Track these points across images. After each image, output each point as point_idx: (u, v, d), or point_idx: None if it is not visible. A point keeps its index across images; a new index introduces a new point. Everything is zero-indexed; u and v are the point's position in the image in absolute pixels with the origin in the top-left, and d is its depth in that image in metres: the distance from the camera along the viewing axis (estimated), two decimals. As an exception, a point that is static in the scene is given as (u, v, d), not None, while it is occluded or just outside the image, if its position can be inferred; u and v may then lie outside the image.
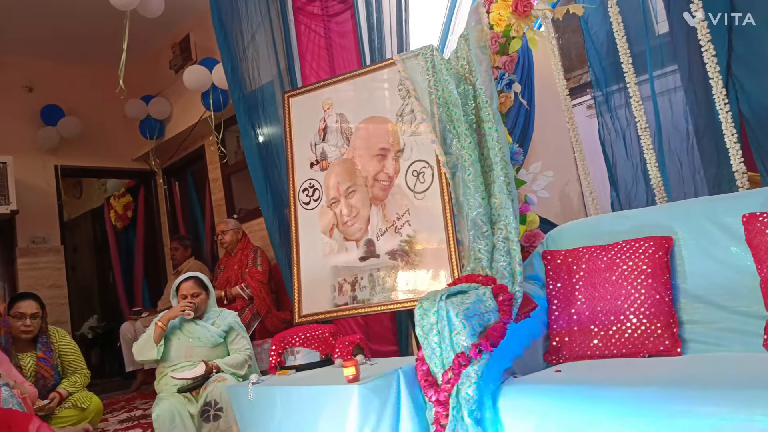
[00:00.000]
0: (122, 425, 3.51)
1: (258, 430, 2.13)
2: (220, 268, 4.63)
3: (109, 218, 6.64)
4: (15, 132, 5.49)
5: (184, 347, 3.36)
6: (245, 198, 5.40)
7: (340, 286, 2.67)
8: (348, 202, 2.74)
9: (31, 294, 3.47)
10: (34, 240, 5.59)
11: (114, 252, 6.59)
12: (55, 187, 5.75)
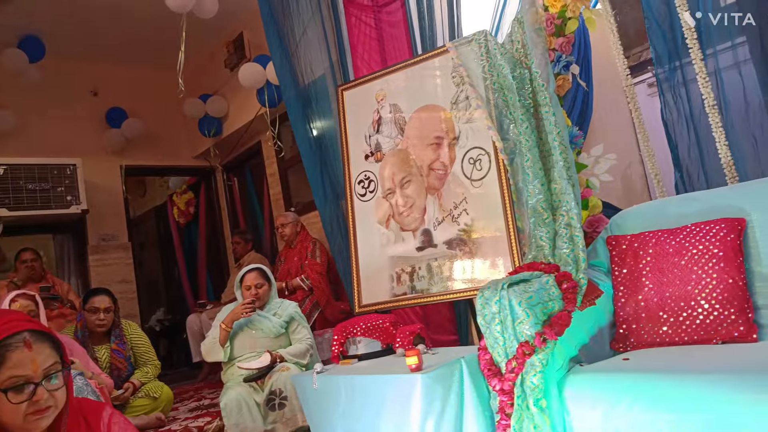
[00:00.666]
0: (192, 414, 3.64)
1: (323, 418, 2.17)
2: (281, 260, 4.73)
3: (172, 215, 6.87)
4: (83, 135, 5.74)
5: (248, 339, 3.46)
6: (301, 191, 5.49)
7: (398, 276, 2.68)
8: (403, 193, 2.74)
9: (104, 289, 3.64)
10: (103, 238, 5.85)
11: (178, 247, 6.83)
12: (121, 186, 6.00)
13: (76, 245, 5.99)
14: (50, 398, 1.30)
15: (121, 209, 5.99)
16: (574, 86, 2.86)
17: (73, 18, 5.05)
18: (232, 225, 6.40)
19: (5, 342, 1.27)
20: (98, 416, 1.46)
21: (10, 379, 1.25)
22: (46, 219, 5.21)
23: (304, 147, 3.54)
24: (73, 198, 5.15)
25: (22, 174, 4.99)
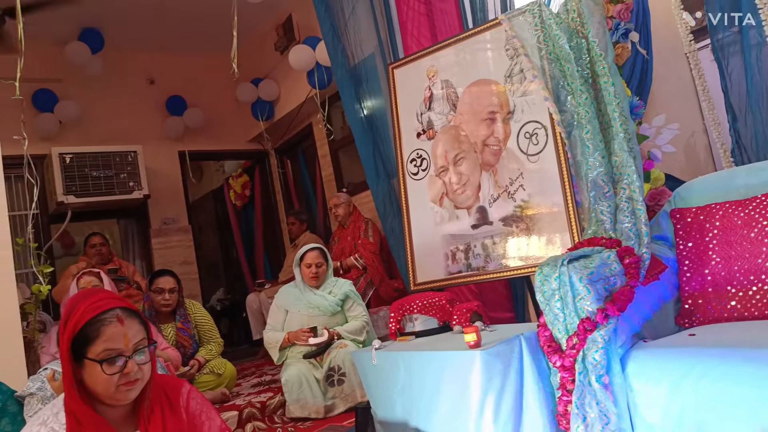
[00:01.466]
0: (254, 389, 3.76)
1: (382, 393, 2.21)
2: (335, 240, 4.80)
3: (228, 198, 7.05)
4: (143, 123, 5.94)
5: (305, 317, 3.54)
6: (353, 172, 5.53)
7: (453, 255, 2.67)
8: (457, 170, 2.72)
9: (168, 270, 3.78)
10: (165, 221, 6.07)
11: (235, 229, 7.01)
12: (187, 171, 6.18)
13: (139, 229, 6.24)
14: (139, 371, 1.38)
15: (181, 194, 6.19)
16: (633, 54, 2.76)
17: (130, 9, 5.19)
18: (287, 207, 6.51)
19: (100, 317, 1.36)
20: (178, 391, 1.54)
21: (104, 352, 1.34)
22: (110, 204, 5.43)
23: (356, 127, 3.56)
24: (135, 184, 5.34)
25: (87, 162, 5.20)
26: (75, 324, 1.36)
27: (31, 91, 5.26)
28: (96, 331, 1.35)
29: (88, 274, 3.27)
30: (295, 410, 3.27)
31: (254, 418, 3.25)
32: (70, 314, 1.39)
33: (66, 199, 5.02)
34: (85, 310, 1.38)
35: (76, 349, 1.36)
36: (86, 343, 1.35)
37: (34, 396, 2.40)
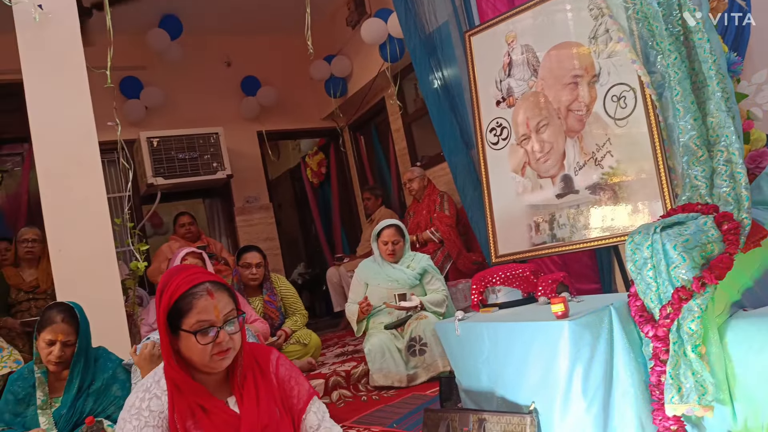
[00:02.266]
0: (338, 359, 3.87)
1: (467, 363, 2.22)
2: (410, 214, 4.81)
3: (305, 176, 7.21)
4: (222, 104, 6.14)
5: (384, 290, 3.60)
6: (427, 145, 5.50)
7: (537, 225, 2.62)
8: (540, 138, 2.65)
9: (254, 246, 3.93)
10: (247, 200, 6.29)
11: (313, 206, 7.17)
12: (259, 151, 6.37)
13: (224, 207, 6.50)
14: (230, 341, 1.45)
15: (261, 173, 6.38)
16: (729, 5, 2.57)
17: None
18: (362, 182, 6.58)
19: (192, 291, 1.43)
20: (267, 358, 1.61)
21: (197, 323, 1.42)
22: (196, 185, 5.67)
23: (431, 97, 3.52)
24: (218, 164, 5.55)
25: (173, 145, 5.44)
26: (169, 298, 1.45)
27: (118, 79, 5.54)
28: (188, 305, 1.43)
29: (192, 256, 3.43)
30: (379, 379, 3.35)
31: (340, 386, 3.36)
32: (164, 289, 1.47)
33: (155, 181, 5.29)
34: (178, 285, 1.45)
35: (171, 321, 1.45)
36: (180, 315, 1.43)
37: (141, 364, 2.58)
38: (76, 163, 2.98)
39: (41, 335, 2.32)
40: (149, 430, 1.39)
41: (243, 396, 1.49)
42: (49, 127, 2.96)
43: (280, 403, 1.54)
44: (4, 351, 2.87)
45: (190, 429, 1.41)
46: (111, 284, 2.99)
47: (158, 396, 1.45)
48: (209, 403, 1.44)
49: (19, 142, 5.79)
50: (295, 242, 7.86)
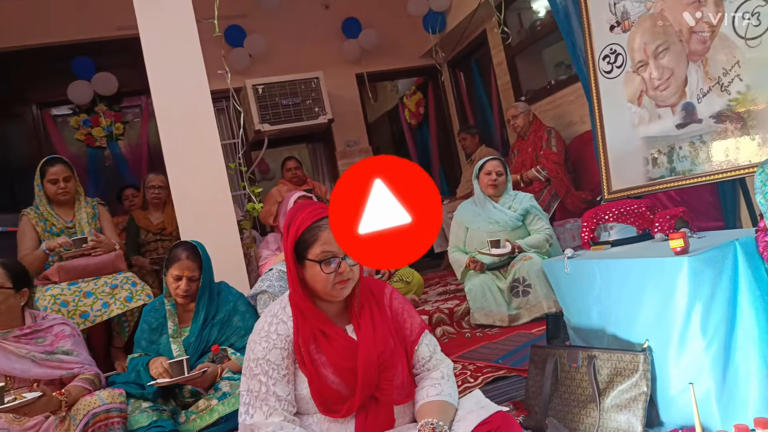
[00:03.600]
0: (441, 297, 3.94)
1: (576, 301, 2.18)
2: (514, 153, 4.69)
3: (403, 117, 7.18)
4: (321, 48, 6.19)
5: (485, 232, 3.57)
6: (531, 79, 5.27)
7: (654, 159, 2.47)
8: (658, 64, 2.45)
9: (358, 188, 4.01)
10: (347, 143, 6.40)
11: (411, 147, 7.17)
12: (358, 94, 6.40)
13: (326, 152, 6.66)
14: (350, 272, 1.53)
15: (360, 116, 6.44)
16: None
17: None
18: (461, 121, 6.47)
19: (317, 224, 1.52)
20: (382, 291, 1.68)
21: (322, 253, 1.50)
22: (299, 130, 5.82)
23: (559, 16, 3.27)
24: (320, 109, 5.64)
25: (277, 91, 5.58)
26: (296, 230, 1.54)
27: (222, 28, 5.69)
28: (314, 236, 1.52)
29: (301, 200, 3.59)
30: (480, 318, 3.38)
31: (443, 322, 3.43)
32: (291, 222, 1.57)
33: (262, 127, 5.48)
34: (304, 218, 1.55)
35: (298, 252, 1.54)
36: (306, 246, 1.52)
37: (265, 293, 2.77)
38: (191, 112, 3.15)
39: (169, 271, 2.53)
40: (276, 352, 1.50)
41: (360, 324, 1.57)
42: (165, 79, 3.14)
43: (394, 333, 1.61)
44: (138, 286, 3.16)
45: (313, 352, 1.51)
46: (229, 225, 3.19)
47: (284, 321, 1.55)
48: (330, 329, 1.53)
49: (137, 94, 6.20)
50: (395, 185, 7.92)
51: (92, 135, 6.05)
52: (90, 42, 5.65)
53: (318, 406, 1.50)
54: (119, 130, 6.14)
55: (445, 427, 1.42)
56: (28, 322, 2.38)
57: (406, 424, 1.55)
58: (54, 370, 2.32)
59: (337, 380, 1.50)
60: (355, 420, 1.50)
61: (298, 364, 1.53)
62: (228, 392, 2.32)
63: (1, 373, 2.20)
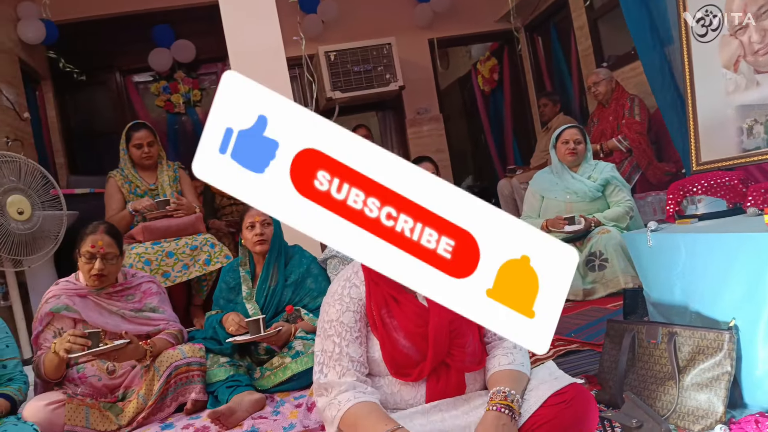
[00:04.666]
0: (511, 268, 3.88)
1: (658, 275, 2.10)
2: (593, 122, 4.51)
3: (476, 83, 7.02)
4: (393, 14, 6.10)
5: (562, 203, 3.47)
6: (614, 43, 5.02)
7: (750, 128, 2.30)
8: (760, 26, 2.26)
9: (427, 157, 3.99)
10: (418, 111, 6.34)
11: (483, 115, 7.01)
12: (430, 60, 6.30)
13: (396, 119, 6.63)
14: None
15: (432, 83, 6.35)
16: None
17: None
18: (538, 88, 6.26)
19: None
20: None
21: None
22: (370, 97, 5.82)
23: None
24: (391, 76, 5.61)
25: (348, 58, 5.58)
26: None
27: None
28: None
29: None
30: (554, 290, 3.31)
31: (515, 294, 3.38)
32: None
33: (333, 94, 5.51)
34: None
35: None
36: None
37: (335, 257, 2.82)
38: (267, 78, 3.18)
39: (244, 224, 2.70)
40: (349, 314, 1.53)
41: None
42: (243, 45, 3.19)
43: (465, 300, 1.60)
44: (216, 247, 3.29)
45: (384, 316, 1.53)
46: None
47: (357, 285, 1.57)
48: (401, 295, 1.54)
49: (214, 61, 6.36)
50: (463, 154, 7.83)
51: (171, 101, 6.28)
52: (170, 10, 5.84)
53: (389, 369, 1.51)
54: (197, 96, 6.34)
55: (517, 396, 1.41)
56: (120, 279, 2.53)
57: (476, 391, 1.55)
58: (141, 326, 2.47)
59: (408, 345, 1.51)
60: (426, 384, 1.51)
61: (370, 327, 1.55)
62: (301, 351, 2.40)
63: (94, 326, 2.36)
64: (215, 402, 2.32)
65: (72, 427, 2.20)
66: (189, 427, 2.17)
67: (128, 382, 2.40)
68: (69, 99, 5.96)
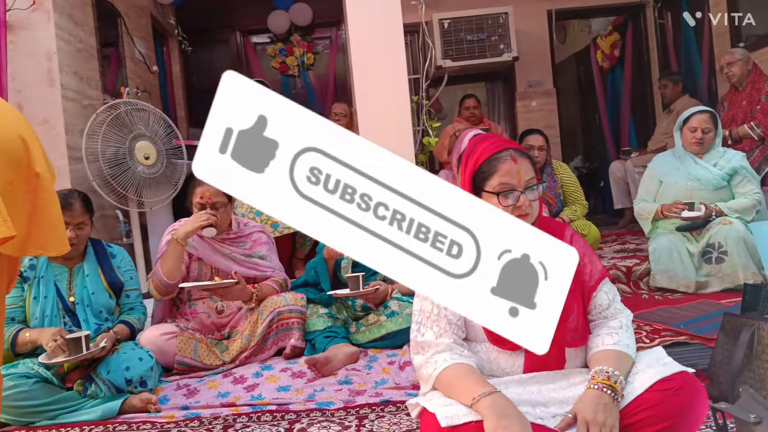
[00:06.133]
0: (617, 255, 3.72)
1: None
2: (723, 106, 4.17)
3: (595, 59, 6.67)
4: (513, -18, 5.89)
5: (682, 189, 3.26)
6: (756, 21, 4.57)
7: None
8: None
9: (537, 129, 3.87)
10: (530, 84, 6.13)
11: (600, 93, 6.67)
12: (547, 32, 6.05)
13: (505, 91, 6.46)
14: (529, 206, 1.49)
15: (547, 56, 6.11)
16: None
17: None
18: (662, 67, 5.85)
19: (497, 155, 1.49)
20: (562, 233, 1.61)
21: (500, 185, 1.48)
22: (480, 68, 5.67)
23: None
24: (505, 46, 5.44)
25: (462, 26, 5.46)
26: (475, 161, 1.52)
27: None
28: (493, 168, 1.49)
29: None
30: (662, 280, 3.15)
31: (619, 280, 3.25)
32: (470, 154, 1.55)
33: (444, 63, 5.43)
34: (484, 149, 1.52)
35: (475, 183, 1.53)
36: (484, 177, 1.50)
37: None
38: (384, 43, 3.20)
39: None
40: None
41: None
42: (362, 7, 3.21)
43: (572, 275, 1.55)
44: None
45: (488, 284, 1.52)
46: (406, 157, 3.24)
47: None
48: (508, 263, 1.52)
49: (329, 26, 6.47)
50: (573, 132, 7.52)
51: (286, 63, 6.48)
52: (290, -28, 5.99)
53: (487, 335, 1.51)
54: (310, 60, 6.50)
55: (621, 377, 1.36)
56: (234, 227, 2.69)
57: (577, 368, 1.51)
58: (250, 270, 2.61)
59: (509, 314, 1.50)
60: (524, 354, 1.49)
61: (472, 292, 1.55)
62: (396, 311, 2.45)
63: (209, 264, 2.53)
64: (312, 350, 2.42)
65: (182, 358, 2.39)
66: (287, 370, 2.29)
67: (234, 322, 2.56)
68: (192, 55, 6.30)
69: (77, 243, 2.28)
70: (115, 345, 2.21)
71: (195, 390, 2.21)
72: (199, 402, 2.11)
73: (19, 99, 3.27)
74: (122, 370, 2.10)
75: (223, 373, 2.36)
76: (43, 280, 2.25)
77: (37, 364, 2.07)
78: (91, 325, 2.25)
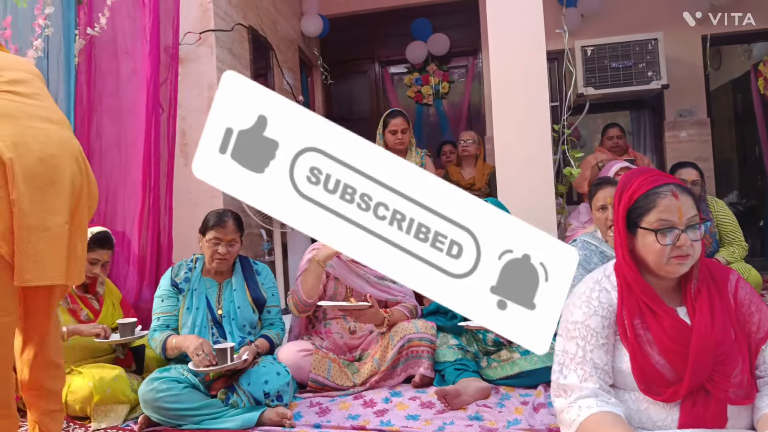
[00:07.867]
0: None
1: None
2: None
3: (755, 87, 6.07)
4: (662, 8, 5.58)
5: None
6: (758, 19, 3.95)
7: None
8: None
9: (691, 162, 3.57)
10: (680, 113, 5.73)
11: (761, 124, 6.04)
12: (701, 58, 5.64)
13: (652, 121, 6.08)
14: (690, 247, 1.37)
15: (701, 83, 5.69)
16: None
17: None
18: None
19: (656, 190, 1.40)
20: (726, 277, 1.47)
21: (658, 222, 1.38)
22: (625, 96, 5.42)
23: None
24: (653, 74, 5.15)
25: (607, 53, 5.25)
26: (631, 195, 1.44)
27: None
28: (651, 203, 1.40)
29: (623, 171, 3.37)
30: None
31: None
32: (625, 187, 1.47)
33: (585, 91, 5.24)
34: (641, 183, 1.44)
35: (630, 218, 1.43)
36: (641, 213, 1.41)
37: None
38: (525, 71, 3.15)
39: None
40: (597, 319, 1.45)
41: (696, 308, 1.40)
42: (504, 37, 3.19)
43: (736, 325, 1.41)
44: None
45: (638, 327, 1.42)
46: (545, 187, 3.15)
47: (608, 290, 1.48)
48: (659, 307, 1.41)
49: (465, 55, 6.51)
50: (727, 166, 6.89)
51: (421, 92, 6.59)
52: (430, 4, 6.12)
53: (639, 383, 1.40)
54: (445, 89, 6.56)
55: (801, 448, 1.20)
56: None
57: (740, 429, 1.35)
58: (382, 292, 2.65)
59: (663, 361, 1.38)
60: (680, 408, 1.36)
61: (619, 336, 1.45)
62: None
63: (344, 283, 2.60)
64: (441, 380, 2.39)
65: (316, 376, 2.46)
66: (416, 399, 2.27)
67: (365, 344, 2.60)
68: (333, 85, 6.63)
69: (228, 259, 2.44)
70: (255, 358, 2.33)
71: (327, 409, 2.26)
72: (330, 422, 2.15)
73: (183, 125, 3.62)
74: (261, 383, 2.20)
75: (354, 395, 2.39)
76: (196, 292, 2.43)
77: (187, 370, 2.23)
78: (236, 337, 2.39)
